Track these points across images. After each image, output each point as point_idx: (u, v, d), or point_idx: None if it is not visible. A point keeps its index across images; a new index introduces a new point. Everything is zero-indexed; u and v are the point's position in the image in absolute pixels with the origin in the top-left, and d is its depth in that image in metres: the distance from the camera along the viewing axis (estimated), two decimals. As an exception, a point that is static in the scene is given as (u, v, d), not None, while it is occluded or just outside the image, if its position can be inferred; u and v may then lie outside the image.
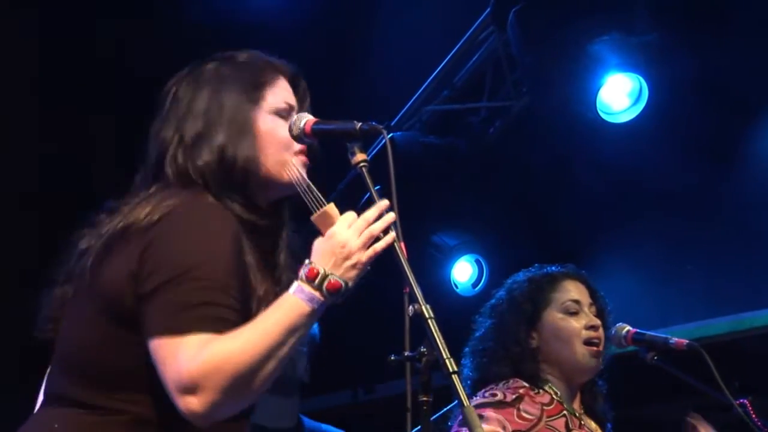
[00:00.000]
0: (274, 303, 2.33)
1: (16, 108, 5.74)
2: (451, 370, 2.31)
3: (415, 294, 2.40)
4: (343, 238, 2.41)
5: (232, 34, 5.83)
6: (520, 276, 3.62)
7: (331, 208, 2.49)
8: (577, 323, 3.45)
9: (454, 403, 3.48)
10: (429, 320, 2.38)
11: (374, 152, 4.71)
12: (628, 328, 3.49)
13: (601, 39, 5.47)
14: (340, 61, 6.16)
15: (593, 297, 3.56)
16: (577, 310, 3.48)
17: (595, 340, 3.44)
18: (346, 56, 6.17)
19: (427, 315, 2.39)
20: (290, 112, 2.67)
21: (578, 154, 6.13)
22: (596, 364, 3.45)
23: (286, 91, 2.72)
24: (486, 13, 6.07)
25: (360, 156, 2.58)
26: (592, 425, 3.48)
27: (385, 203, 2.41)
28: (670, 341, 3.42)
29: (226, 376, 2.20)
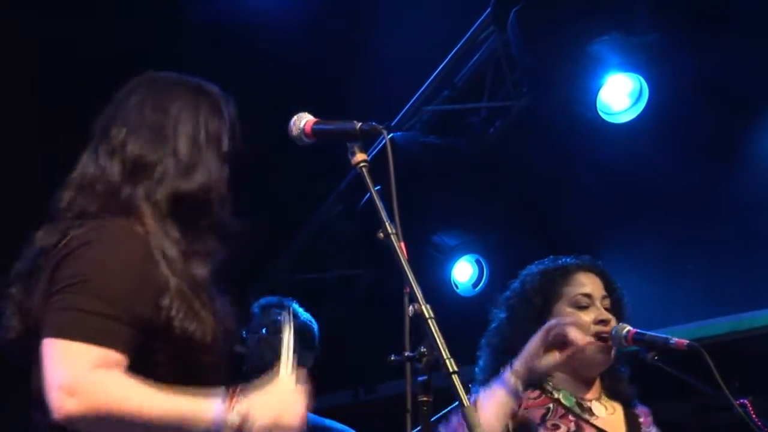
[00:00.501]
0: (197, 395, 2.41)
1: (16, 108, 5.74)
2: (451, 370, 2.31)
3: (416, 294, 2.41)
4: (291, 411, 2.59)
5: (232, 34, 5.83)
6: (534, 268, 3.62)
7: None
8: (587, 317, 3.46)
9: (454, 404, 3.49)
10: (429, 320, 2.38)
11: (374, 152, 4.71)
12: (629, 328, 3.49)
13: (601, 39, 5.47)
14: (340, 61, 6.16)
15: (609, 289, 3.55)
16: (587, 304, 3.48)
17: (605, 335, 3.43)
18: (347, 56, 6.17)
19: (427, 315, 2.39)
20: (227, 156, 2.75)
21: (578, 154, 6.13)
22: (605, 358, 3.45)
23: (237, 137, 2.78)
24: (486, 13, 6.07)
25: (360, 156, 2.59)
26: (610, 406, 3.48)
27: None
28: (671, 341, 3.42)
29: (101, 414, 2.29)
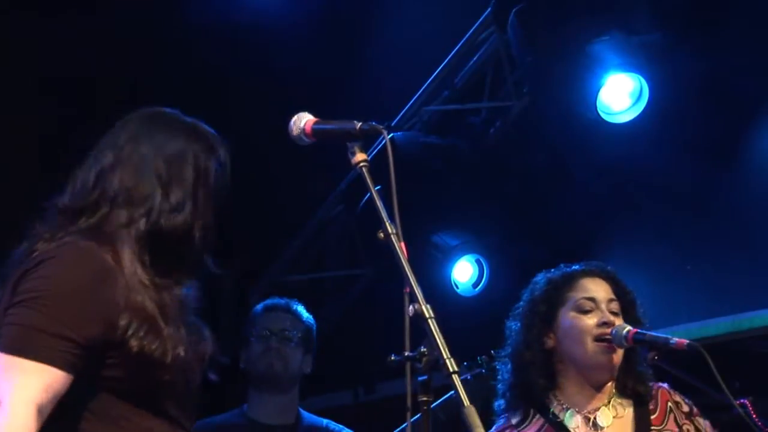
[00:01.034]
0: None
1: (16, 108, 5.74)
2: (451, 370, 2.31)
3: (416, 294, 2.40)
4: None
5: (232, 34, 5.83)
6: (541, 277, 3.65)
7: None
8: (590, 320, 3.47)
9: (449, 393, 3.51)
10: (429, 320, 2.38)
11: (374, 152, 4.71)
12: (629, 328, 3.49)
13: (601, 39, 5.47)
14: (340, 61, 6.16)
15: (617, 293, 3.57)
16: (591, 308, 3.50)
17: (606, 337, 3.44)
18: (347, 56, 6.17)
19: (427, 315, 2.39)
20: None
21: (578, 154, 6.12)
22: (607, 360, 3.46)
23: (225, 174, 2.83)
24: (486, 13, 6.07)
25: (360, 156, 2.58)
26: (616, 411, 3.49)
27: None
28: (671, 341, 3.42)
29: None
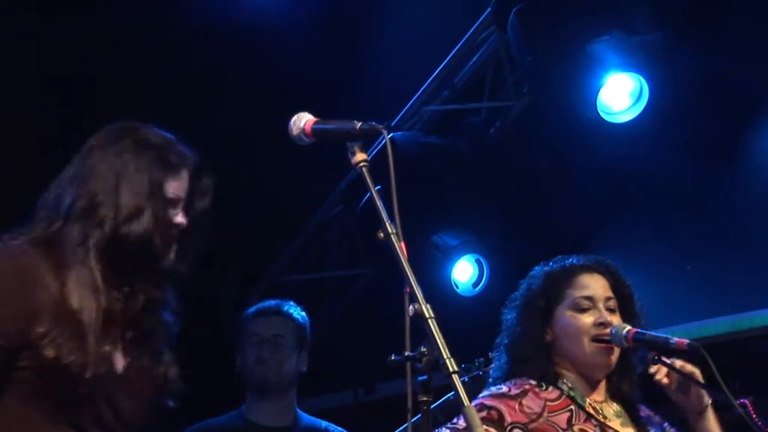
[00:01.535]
0: None
1: (16, 108, 5.74)
2: (451, 369, 2.31)
3: (416, 294, 2.40)
4: None
5: (232, 34, 5.83)
6: (540, 269, 3.63)
7: None
8: (587, 320, 3.46)
9: (448, 395, 3.50)
10: (429, 320, 2.38)
11: (374, 152, 4.71)
12: (629, 327, 3.49)
13: (601, 39, 5.47)
14: (340, 61, 6.16)
15: (615, 288, 3.56)
16: (588, 307, 3.48)
17: (604, 337, 3.44)
18: (347, 56, 6.16)
19: (427, 315, 2.38)
20: (177, 202, 2.80)
21: (579, 153, 6.12)
22: (605, 360, 3.45)
23: (183, 183, 2.82)
24: (486, 13, 6.07)
25: (360, 156, 2.58)
26: (614, 408, 3.48)
27: None
28: (671, 341, 3.42)
29: None
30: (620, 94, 5.59)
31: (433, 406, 2.53)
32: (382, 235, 2.49)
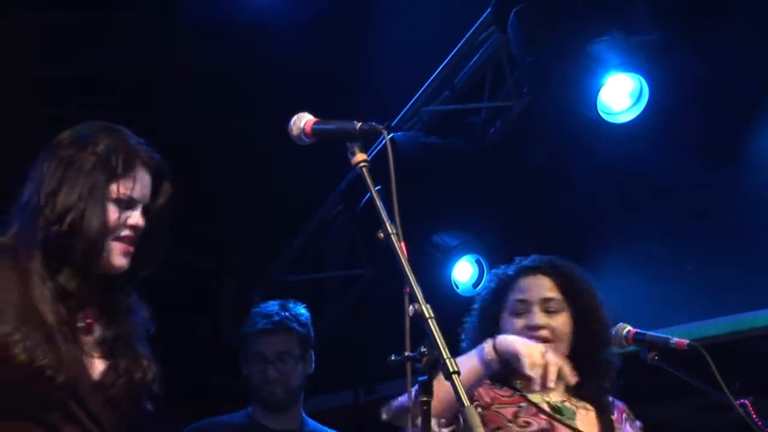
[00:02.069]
0: None
1: (16, 109, 5.74)
2: (451, 370, 2.31)
3: (416, 294, 2.40)
4: None
5: (232, 34, 5.83)
6: (492, 275, 3.66)
7: None
8: (519, 323, 3.47)
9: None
10: (429, 320, 2.38)
11: (374, 152, 4.71)
12: (629, 328, 3.49)
13: (601, 39, 5.46)
14: (340, 62, 6.16)
15: (562, 286, 3.53)
16: (522, 311, 3.49)
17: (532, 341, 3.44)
18: (347, 56, 6.16)
19: (427, 315, 2.39)
20: (131, 203, 2.76)
21: (579, 154, 6.12)
22: None
23: (136, 183, 2.78)
24: (486, 13, 6.07)
25: (360, 156, 2.58)
26: (577, 406, 3.47)
27: None
28: (671, 341, 3.42)
29: None
30: (620, 94, 5.58)
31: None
32: (382, 235, 2.49)
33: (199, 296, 6.85)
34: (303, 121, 2.70)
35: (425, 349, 2.40)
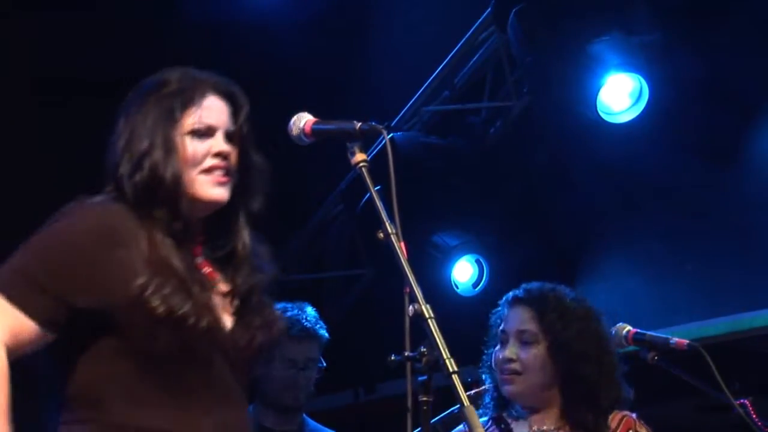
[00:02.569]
0: None
1: (16, 109, 5.74)
2: (451, 370, 2.31)
3: (416, 294, 2.40)
4: None
5: (232, 34, 5.83)
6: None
7: None
8: (500, 354, 3.52)
9: (451, 409, 3.51)
10: (429, 320, 2.38)
11: (374, 152, 4.71)
12: (629, 328, 3.49)
13: (601, 39, 5.47)
14: (340, 61, 6.16)
15: (540, 320, 3.53)
16: (504, 340, 3.53)
17: (506, 374, 3.48)
18: (347, 56, 6.17)
19: (427, 315, 2.38)
20: (210, 131, 2.66)
21: (579, 154, 6.13)
22: (509, 391, 3.49)
23: (209, 110, 2.68)
24: (486, 13, 6.07)
25: (360, 156, 2.58)
26: None
27: None
28: (671, 341, 3.42)
29: None
30: (620, 95, 5.59)
31: (434, 420, 2.53)
32: (382, 235, 2.49)
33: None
34: (303, 121, 2.70)
35: (425, 349, 2.40)
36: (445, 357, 2.32)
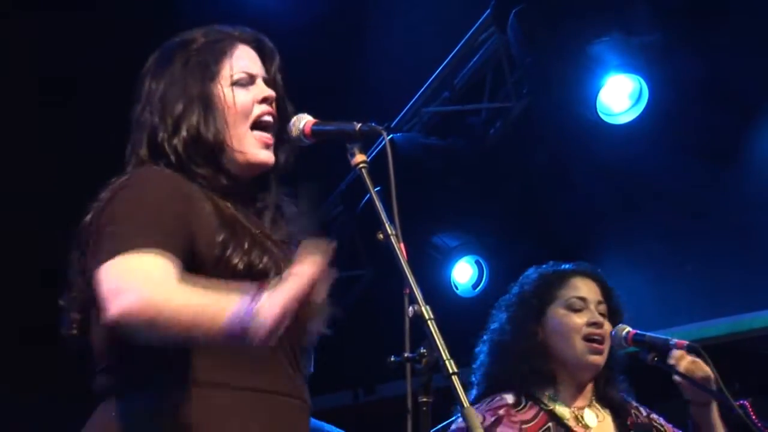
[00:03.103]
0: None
1: (16, 109, 5.74)
2: (451, 371, 2.31)
3: (415, 295, 2.40)
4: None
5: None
6: (532, 271, 3.65)
7: None
8: (579, 319, 3.48)
9: (453, 418, 3.50)
10: (429, 321, 2.38)
11: (374, 153, 4.71)
12: (629, 329, 3.49)
13: (601, 40, 5.47)
14: (340, 62, 6.16)
15: (605, 296, 3.57)
16: (581, 307, 3.50)
17: (596, 337, 3.45)
18: (347, 57, 6.16)
19: (427, 316, 2.38)
20: (251, 79, 2.63)
21: (578, 155, 6.13)
22: (596, 360, 3.46)
23: (243, 59, 2.67)
24: (486, 14, 6.07)
25: (360, 157, 2.58)
26: (597, 413, 3.48)
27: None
28: (671, 342, 3.42)
29: (152, 308, 2.18)
30: (620, 95, 5.59)
31: (433, 430, 2.51)
32: (381, 236, 2.49)
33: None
34: (302, 121, 2.69)
35: (425, 350, 2.40)
36: (444, 358, 2.32)
